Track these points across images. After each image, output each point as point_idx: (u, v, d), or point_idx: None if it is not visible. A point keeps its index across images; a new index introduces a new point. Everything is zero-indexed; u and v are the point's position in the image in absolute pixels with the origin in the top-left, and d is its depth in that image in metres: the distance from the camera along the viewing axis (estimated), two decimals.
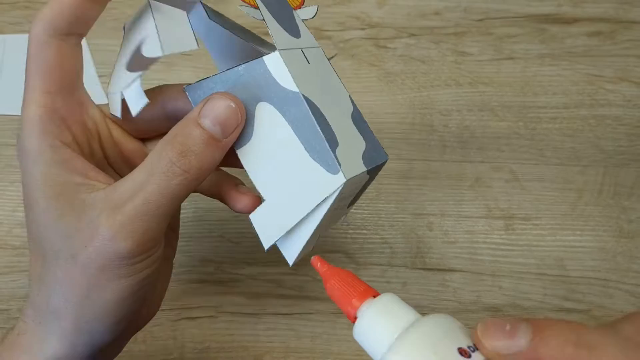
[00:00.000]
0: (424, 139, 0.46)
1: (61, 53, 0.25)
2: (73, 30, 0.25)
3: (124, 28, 0.28)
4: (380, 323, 0.22)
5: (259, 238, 0.27)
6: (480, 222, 0.44)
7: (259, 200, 0.30)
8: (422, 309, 0.42)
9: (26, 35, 0.48)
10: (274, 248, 0.28)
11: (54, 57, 0.25)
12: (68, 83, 0.26)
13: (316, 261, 0.25)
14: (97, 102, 0.29)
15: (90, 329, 0.26)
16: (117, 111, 0.27)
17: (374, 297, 0.24)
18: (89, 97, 0.28)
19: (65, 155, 0.25)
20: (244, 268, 0.43)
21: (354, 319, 0.23)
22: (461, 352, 0.20)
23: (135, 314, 0.27)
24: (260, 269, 0.43)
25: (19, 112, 0.50)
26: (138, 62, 0.26)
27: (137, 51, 0.26)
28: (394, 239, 0.44)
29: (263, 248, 0.27)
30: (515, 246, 0.44)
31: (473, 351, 0.20)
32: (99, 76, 0.48)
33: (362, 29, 0.49)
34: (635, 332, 0.20)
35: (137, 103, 0.25)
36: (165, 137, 0.25)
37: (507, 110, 0.47)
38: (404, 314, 0.23)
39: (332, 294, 0.24)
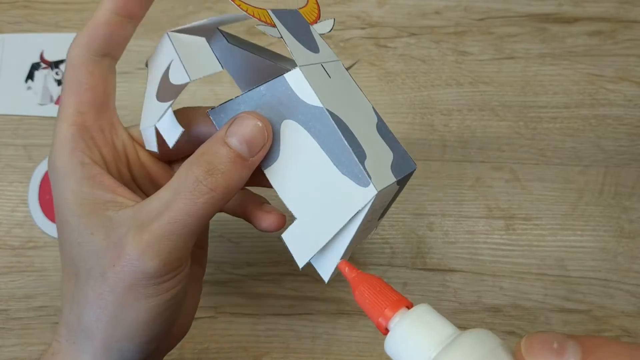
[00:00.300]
0: (424, 138, 0.46)
1: (95, 75, 0.26)
2: (106, 51, 0.27)
3: (146, 65, 0.28)
4: (416, 337, 0.21)
5: (292, 258, 0.26)
6: (481, 222, 0.44)
7: (284, 218, 0.30)
8: None
9: (25, 35, 0.48)
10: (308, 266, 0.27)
11: (87, 78, 0.26)
12: (100, 104, 0.27)
13: (344, 266, 0.25)
14: None
15: (121, 348, 0.26)
16: (153, 146, 0.27)
17: (408, 307, 0.23)
18: (119, 119, 0.28)
19: (94, 172, 0.26)
20: (244, 268, 0.43)
21: (385, 330, 0.22)
22: None
23: (165, 333, 0.27)
24: (260, 269, 0.43)
25: (18, 112, 0.50)
26: (167, 91, 0.26)
27: (165, 79, 0.26)
28: (394, 239, 0.44)
29: (297, 267, 0.27)
30: (516, 246, 0.44)
31: None
32: None
33: (363, 28, 0.49)
34: None
35: (172, 133, 0.26)
36: (192, 156, 0.25)
37: (508, 110, 0.47)
38: (442, 328, 0.21)
39: (362, 302, 0.23)
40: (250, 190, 0.32)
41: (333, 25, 0.30)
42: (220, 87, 0.47)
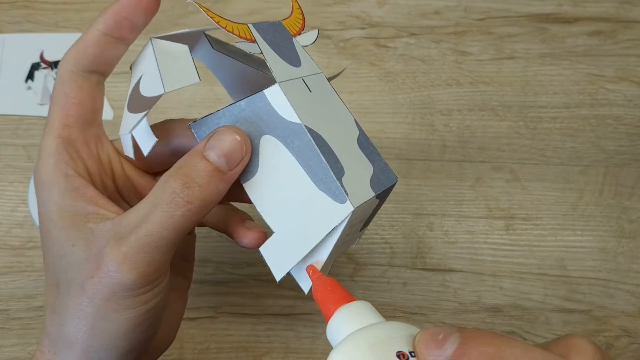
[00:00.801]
0: (424, 138, 0.46)
1: (82, 89, 0.27)
2: (95, 69, 0.27)
3: (130, 68, 0.28)
4: (344, 324, 0.23)
5: (270, 270, 0.27)
6: (481, 222, 0.44)
7: (265, 235, 0.30)
8: (423, 310, 0.42)
9: (25, 35, 0.48)
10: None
11: (75, 92, 0.27)
12: (86, 118, 0.27)
13: (309, 269, 0.26)
14: None
15: (100, 358, 0.26)
16: (129, 152, 0.28)
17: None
18: (105, 133, 0.29)
19: (77, 184, 0.26)
20: (244, 268, 0.43)
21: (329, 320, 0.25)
22: (399, 355, 0.21)
23: (144, 345, 0.27)
24: (260, 269, 0.43)
25: (18, 112, 0.50)
26: (140, 103, 0.26)
27: (136, 92, 0.26)
28: (394, 239, 0.44)
29: (275, 280, 0.27)
30: (516, 246, 0.44)
31: (412, 356, 0.21)
32: None
33: (363, 28, 0.49)
34: (560, 350, 0.21)
35: (147, 143, 0.26)
36: (170, 169, 0.25)
37: (508, 110, 0.47)
38: (368, 318, 0.23)
39: (316, 298, 0.25)
40: (233, 206, 0.32)
41: (317, 36, 0.30)
42: (219, 88, 0.47)
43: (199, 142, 0.27)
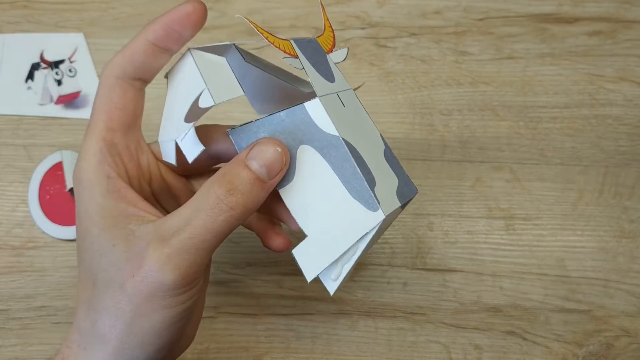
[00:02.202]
0: (424, 138, 0.46)
1: (126, 95, 0.28)
2: (139, 76, 0.28)
3: (166, 77, 0.30)
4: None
5: (302, 272, 0.28)
6: (481, 222, 0.44)
7: (290, 242, 0.33)
8: (423, 310, 0.42)
9: (25, 35, 0.48)
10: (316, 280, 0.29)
11: (119, 98, 0.28)
12: (128, 123, 0.29)
13: None
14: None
15: (131, 355, 0.27)
16: (171, 159, 0.29)
17: None
18: (144, 138, 0.30)
19: (118, 186, 0.27)
20: (244, 268, 0.43)
21: None
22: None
23: (174, 344, 0.28)
24: (260, 269, 0.43)
25: (18, 112, 0.50)
26: (194, 113, 0.28)
27: (196, 104, 0.27)
28: (394, 239, 0.44)
29: (306, 281, 0.28)
30: (516, 246, 0.44)
31: None
32: (98, 75, 0.48)
33: (363, 28, 0.49)
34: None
35: (193, 151, 0.27)
36: (214, 176, 0.27)
37: (508, 110, 0.47)
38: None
39: None
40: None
41: (347, 54, 0.32)
42: None
43: (237, 149, 0.28)
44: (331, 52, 0.31)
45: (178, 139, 0.28)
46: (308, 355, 0.41)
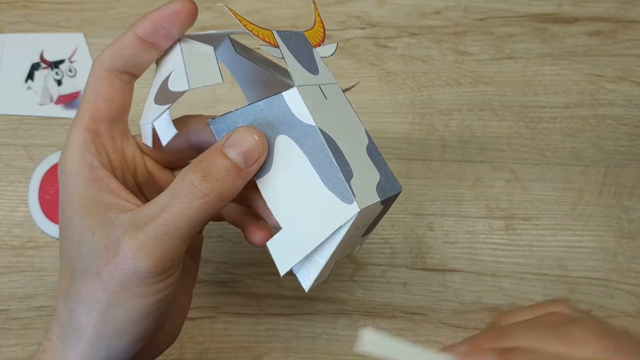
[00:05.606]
0: (424, 138, 0.46)
1: (113, 87, 0.28)
2: (127, 70, 0.29)
3: (156, 63, 0.30)
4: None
5: (275, 265, 0.28)
6: (481, 222, 0.44)
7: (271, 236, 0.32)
8: (423, 310, 0.42)
9: (25, 35, 0.48)
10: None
11: (106, 89, 0.28)
12: (115, 114, 0.29)
13: None
14: None
15: (107, 345, 0.27)
16: (148, 140, 0.29)
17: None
18: (129, 131, 0.31)
19: (101, 175, 0.27)
20: (244, 268, 0.43)
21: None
22: None
23: (151, 337, 0.28)
24: (260, 269, 0.43)
25: (18, 112, 0.50)
26: (166, 96, 0.28)
27: (164, 86, 0.28)
28: (394, 239, 0.44)
29: (279, 274, 0.28)
30: (516, 246, 0.44)
31: None
32: None
33: (363, 28, 0.49)
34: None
35: (166, 134, 0.27)
36: (191, 164, 0.27)
37: (508, 110, 0.47)
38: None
39: None
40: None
41: (335, 49, 0.31)
42: (220, 87, 0.47)
43: (217, 139, 0.28)
44: (319, 46, 0.31)
45: (154, 121, 0.28)
46: (308, 355, 0.41)
